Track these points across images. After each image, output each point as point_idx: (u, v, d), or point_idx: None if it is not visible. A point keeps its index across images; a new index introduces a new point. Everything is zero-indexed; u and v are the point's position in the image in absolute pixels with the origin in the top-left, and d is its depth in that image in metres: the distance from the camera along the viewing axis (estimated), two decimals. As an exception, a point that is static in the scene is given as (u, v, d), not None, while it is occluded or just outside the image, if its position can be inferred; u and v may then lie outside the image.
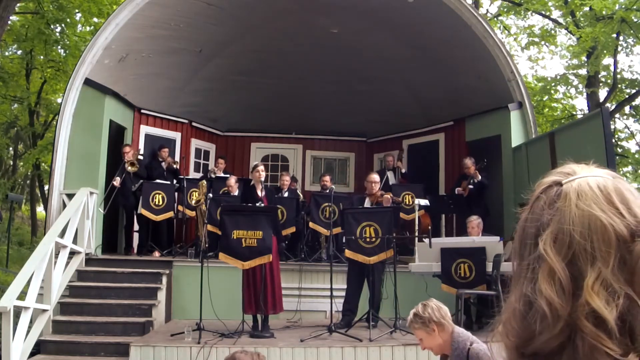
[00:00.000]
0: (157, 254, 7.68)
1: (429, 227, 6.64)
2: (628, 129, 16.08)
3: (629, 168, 15.99)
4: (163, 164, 8.60)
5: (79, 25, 15.61)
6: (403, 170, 9.19)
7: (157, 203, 7.71)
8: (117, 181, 7.75)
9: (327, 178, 8.56)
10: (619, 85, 14.39)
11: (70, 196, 7.15)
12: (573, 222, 0.65)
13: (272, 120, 10.87)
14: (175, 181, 8.38)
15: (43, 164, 17.50)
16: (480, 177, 7.73)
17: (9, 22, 11.35)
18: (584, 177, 0.69)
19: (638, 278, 0.62)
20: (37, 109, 16.97)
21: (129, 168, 7.96)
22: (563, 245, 0.65)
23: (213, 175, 8.86)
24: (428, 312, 2.74)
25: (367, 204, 6.57)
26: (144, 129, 9.40)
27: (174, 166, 8.59)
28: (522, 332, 0.66)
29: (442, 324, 2.72)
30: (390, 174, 9.16)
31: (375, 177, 6.70)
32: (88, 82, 7.70)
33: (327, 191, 7.63)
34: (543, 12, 15.48)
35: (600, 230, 0.64)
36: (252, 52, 9.59)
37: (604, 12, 12.63)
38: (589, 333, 0.61)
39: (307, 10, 8.93)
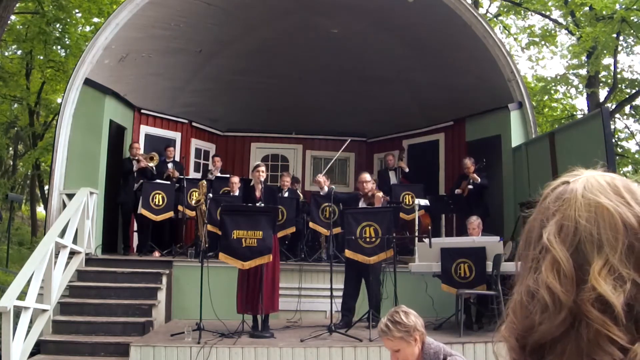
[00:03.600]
0: (157, 254, 7.68)
1: (429, 227, 6.64)
2: (628, 129, 16.09)
3: (629, 168, 15.98)
4: (170, 164, 8.60)
5: (79, 25, 15.60)
6: (406, 170, 9.17)
7: (157, 203, 7.71)
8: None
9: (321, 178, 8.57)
10: (619, 85, 14.39)
11: (70, 196, 7.14)
12: (578, 210, 0.65)
13: (272, 120, 10.86)
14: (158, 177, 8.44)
15: (43, 164, 17.50)
16: (478, 180, 7.72)
17: (9, 21, 11.34)
18: (590, 174, 0.70)
19: None
20: (37, 109, 16.96)
21: (151, 164, 8.14)
22: (568, 234, 0.65)
23: (211, 176, 8.85)
24: (412, 320, 2.50)
25: (361, 204, 6.55)
26: (144, 129, 9.41)
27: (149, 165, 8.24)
28: (522, 323, 0.66)
29: (423, 333, 2.53)
30: (391, 174, 9.15)
31: (366, 176, 6.67)
32: (88, 82, 7.69)
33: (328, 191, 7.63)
34: (543, 12, 15.48)
35: (607, 217, 0.64)
36: (252, 52, 9.59)
37: (604, 12, 12.63)
38: (594, 319, 0.60)
39: (307, 10, 8.93)
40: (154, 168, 8.24)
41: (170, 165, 8.61)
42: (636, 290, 0.60)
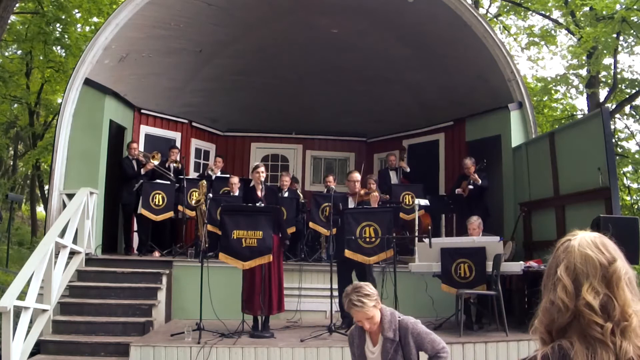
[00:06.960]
0: (157, 254, 7.68)
1: (429, 227, 6.64)
2: (628, 129, 16.07)
3: (629, 168, 15.97)
4: (171, 165, 8.58)
5: (79, 25, 15.60)
6: (407, 170, 9.17)
7: (157, 203, 7.71)
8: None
9: (331, 178, 8.57)
10: (619, 85, 14.38)
11: (70, 196, 7.14)
12: (575, 258, 1.20)
13: (272, 120, 10.86)
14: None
15: (43, 164, 17.49)
16: (480, 181, 7.70)
17: (9, 21, 11.33)
18: (582, 235, 1.24)
19: (612, 285, 1.17)
20: (37, 109, 16.96)
21: (155, 162, 8.17)
22: (571, 271, 1.20)
23: (211, 172, 8.85)
24: (373, 289, 2.93)
25: (350, 204, 6.51)
26: (144, 129, 9.41)
27: (175, 165, 8.58)
28: (548, 319, 1.21)
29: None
30: (392, 174, 9.15)
31: (357, 175, 6.63)
32: (88, 82, 7.69)
33: (327, 191, 7.63)
34: (543, 12, 15.48)
35: (591, 261, 1.19)
36: (252, 52, 9.59)
37: (604, 12, 12.62)
38: (586, 314, 1.15)
39: (307, 10, 8.92)
40: (169, 169, 8.29)
41: (171, 165, 8.58)
42: (606, 299, 1.15)
